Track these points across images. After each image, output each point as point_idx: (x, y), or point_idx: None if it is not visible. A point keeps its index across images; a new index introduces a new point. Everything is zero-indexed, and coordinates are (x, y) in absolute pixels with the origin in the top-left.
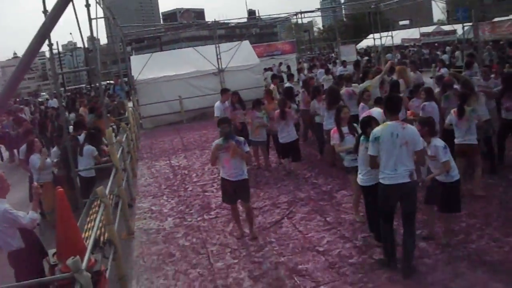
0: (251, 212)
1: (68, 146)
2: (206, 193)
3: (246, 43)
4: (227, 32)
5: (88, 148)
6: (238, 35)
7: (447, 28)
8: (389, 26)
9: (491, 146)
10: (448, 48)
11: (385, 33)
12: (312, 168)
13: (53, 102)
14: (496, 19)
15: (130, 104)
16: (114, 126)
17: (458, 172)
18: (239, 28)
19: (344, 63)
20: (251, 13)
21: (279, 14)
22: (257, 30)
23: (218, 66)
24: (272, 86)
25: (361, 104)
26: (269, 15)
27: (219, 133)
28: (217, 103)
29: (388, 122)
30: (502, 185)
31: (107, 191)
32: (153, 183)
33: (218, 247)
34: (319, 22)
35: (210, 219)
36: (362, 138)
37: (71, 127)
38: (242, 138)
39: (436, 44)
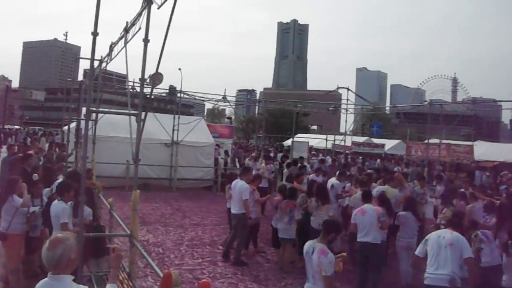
0: None
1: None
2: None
3: (202, 121)
4: (146, 103)
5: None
6: (155, 108)
7: (377, 141)
8: (303, 128)
9: None
10: (378, 160)
11: (331, 136)
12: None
13: None
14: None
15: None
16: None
17: None
18: (157, 101)
19: (301, 160)
20: (171, 88)
21: (196, 92)
22: (173, 106)
23: (173, 138)
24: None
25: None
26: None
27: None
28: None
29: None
30: None
31: None
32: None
33: None
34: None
35: None
36: None
37: None
38: None
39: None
